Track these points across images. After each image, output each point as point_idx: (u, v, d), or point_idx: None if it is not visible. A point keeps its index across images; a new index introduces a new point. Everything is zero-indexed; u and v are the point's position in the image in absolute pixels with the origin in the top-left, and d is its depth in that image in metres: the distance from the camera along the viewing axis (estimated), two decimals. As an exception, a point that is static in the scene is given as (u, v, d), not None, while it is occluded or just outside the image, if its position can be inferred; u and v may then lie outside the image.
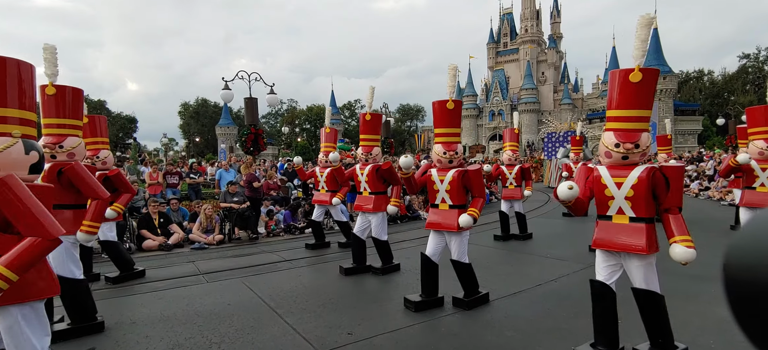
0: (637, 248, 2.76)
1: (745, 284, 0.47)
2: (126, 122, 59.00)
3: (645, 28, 2.78)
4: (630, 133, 2.78)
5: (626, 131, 2.80)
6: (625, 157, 2.80)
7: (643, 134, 2.79)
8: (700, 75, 54.39)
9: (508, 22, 63.53)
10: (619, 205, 2.84)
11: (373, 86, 5.66)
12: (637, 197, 2.78)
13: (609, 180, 2.87)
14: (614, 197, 2.85)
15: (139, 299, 4.69)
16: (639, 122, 2.79)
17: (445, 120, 4.13)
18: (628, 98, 2.79)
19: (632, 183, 2.78)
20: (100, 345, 3.45)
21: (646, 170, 2.77)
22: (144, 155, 22.53)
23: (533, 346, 3.30)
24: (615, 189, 2.85)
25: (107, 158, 4.96)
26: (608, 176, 2.88)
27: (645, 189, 2.76)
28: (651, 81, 2.77)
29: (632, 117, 2.79)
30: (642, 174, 2.75)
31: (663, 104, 39.17)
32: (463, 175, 4.04)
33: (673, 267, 5.37)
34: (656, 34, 40.09)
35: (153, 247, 7.45)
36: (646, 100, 2.80)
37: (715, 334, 3.34)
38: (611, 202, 2.87)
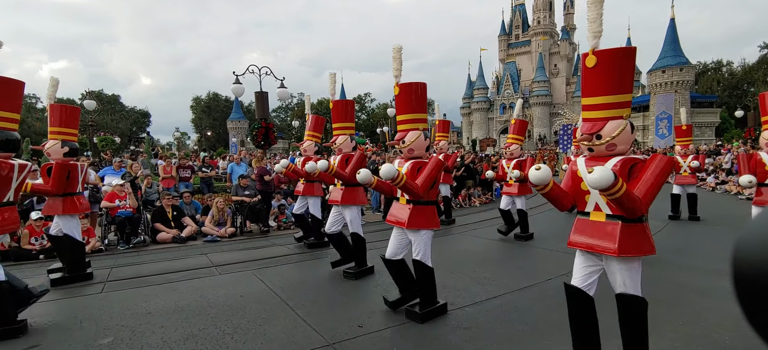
0: (608, 249, 2.46)
1: (754, 278, 0.47)
2: (139, 116, 59.88)
3: (595, 5, 2.48)
4: (593, 122, 2.52)
5: (589, 120, 2.55)
6: (590, 149, 2.56)
7: (609, 123, 2.47)
8: (719, 66, 52.99)
9: (520, 14, 62.61)
10: (595, 201, 2.55)
11: (334, 72, 5.37)
12: None
13: (584, 173, 2.52)
14: (590, 191, 2.55)
15: (154, 290, 4.79)
16: (606, 110, 2.49)
17: (397, 107, 3.77)
18: (588, 84, 2.53)
19: None
20: (117, 336, 3.54)
21: (620, 161, 2.46)
22: (157, 149, 22.86)
23: (544, 340, 3.28)
24: None
25: (51, 149, 4.92)
26: (584, 168, 2.56)
27: None
28: (613, 63, 2.44)
29: (597, 105, 2.52)
30: (616, 166, 2.44)
31: (680, 96, 38.33)
32: (418, 168, 3.65)
33: (689, 262, 5.31)
34: (673, 25, 39.14)
35: (167, 239, 7.59)
36: (610, 84, 2.46)
37: (730, 330, 3.28)
38: (588, 197, 2.59)
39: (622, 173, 2.40)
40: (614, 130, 2.44)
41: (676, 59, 38.98)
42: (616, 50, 2.44)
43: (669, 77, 39.14)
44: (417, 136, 3.65)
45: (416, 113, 3.73)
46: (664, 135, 37.99)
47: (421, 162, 3.64)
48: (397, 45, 3.73)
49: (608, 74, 2.45)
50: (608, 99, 2.47)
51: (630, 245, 2.45)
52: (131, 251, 7.12)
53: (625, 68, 2.45)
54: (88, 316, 3.99)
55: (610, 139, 2.44)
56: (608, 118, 2.47)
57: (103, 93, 53.79)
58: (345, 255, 5.29)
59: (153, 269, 5.77)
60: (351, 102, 5.59)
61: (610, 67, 2.44)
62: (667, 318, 3.61)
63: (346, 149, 5.22)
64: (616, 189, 2.15)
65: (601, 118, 2.48)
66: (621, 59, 2.44)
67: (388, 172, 3.32)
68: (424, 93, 3.76)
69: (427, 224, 3.66)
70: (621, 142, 2.47)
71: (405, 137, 3.67)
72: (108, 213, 7.60)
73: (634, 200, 2.28)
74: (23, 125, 42.31)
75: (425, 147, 3.74)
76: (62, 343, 3.41)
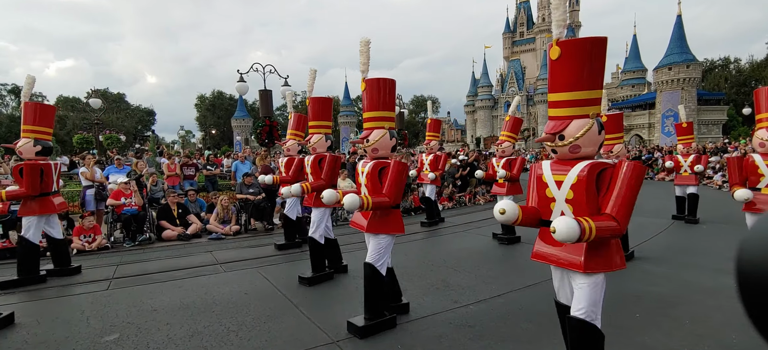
0: (572, 263, 2.21)
1: (757, 280, 0.47)
2: (144, 114, 60.15)
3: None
4: (556, 121, 2.26)
5: (553, 119, 2.29)
6: (554, 151, 2.32)
7: (573, 123, 2.20)
8: (726, 63, 52.46)
9: (524, 11, 62.29)
10: (560, 208, 2.30)
11: (315, 69, 5.15)
12: (578, 201, 2.20)
13: (549, 178, 2.34)
14: (555, 198, 2.32)
15: (160, 287, 4.81)
16: (571, 108, 2.21)
17: (363, 103, 3.52)
18: (553, 79, 2.26)
19: (571, 182, 2.23)
20: (123, 333, 3.56)
21: (588, 166, 2.18)
22: (162, 147, 22.99)
23: (549, 338, 3.27)
24: (555, 189, 2.32)
25: (24, 148, 4.90)
26: (549, 173, 2.35)
27: (585, 191, 2.18)
28: (580, 55, 2.15)
29: (561, 102, 2.24)
30: (582, 172, 2.18)
31: (686, 94, 37.99)
32: (380, 169, 3.38)
33: (696, 260, 5.27)
34: (680, 21, 38.77)
35: (172, 237, 7.63)
36: (576, 79, 2.17)
37: (737, 330, 3.26)
38: (553, 205, 2.34)
39: (590, 180, 2.16)
40: (578, 130, 2.18)
41: (683, 56, 38.61)
42: (582, 41, 2.14)
43: (675, 74, 38.78)
44: (382, 135, 3.40)
45: (383, 111, 3.46)
46: (670, 133, 37.64)
47: (384, 163, 3.38)
48: (365, 38, 3.48)
49: (574, 68, 2.17)
50: (573, 96, 2.20)
51: (597, 261, 2.20)
52: (137, 248, 7.17)
53: (594, 61, 2.15)
54: (95, 313, 4.02)
55: (574, 140, 2.18)
56: (573, 117, 2.21)
57: (109, 91, 54.09)
58: (330, 258, 5.15)
59: (158, 266, 5.80)
60: (329, 100, 5.32)
61: (576, 60, 2.16)
62: (673, 316, 3.59)
63: (321, 148, 5.01)
64: (586, 238, 1.95)
65: (566, 116, 2.23)
66: (589, 51, 2.15)
67: (351, 204, 3.08)
68: (392, 90, 3.50)
69: (387, 229, 3.39)
70: (586, 144, 2.20)
71: (369, 135, 3.43)
72: (114, 211, 7.65)
73: (611, 230, 2.04)
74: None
75: (391, 147, 3.48)
76: (69, 339, 3.43)
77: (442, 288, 4.46)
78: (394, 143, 3.48)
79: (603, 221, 2.03)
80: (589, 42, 2.14)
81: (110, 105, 44.67)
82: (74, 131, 31.15)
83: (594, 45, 2.15)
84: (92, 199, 8.22)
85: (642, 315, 3.64)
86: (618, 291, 4.25)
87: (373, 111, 3.45)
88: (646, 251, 5.92)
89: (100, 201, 8.22)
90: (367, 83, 3.41)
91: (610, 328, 3.37)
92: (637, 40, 50.11)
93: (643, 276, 4.72)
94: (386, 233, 3.40)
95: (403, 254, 6.44)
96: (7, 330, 3.66)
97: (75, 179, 11.54)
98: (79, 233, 6.92)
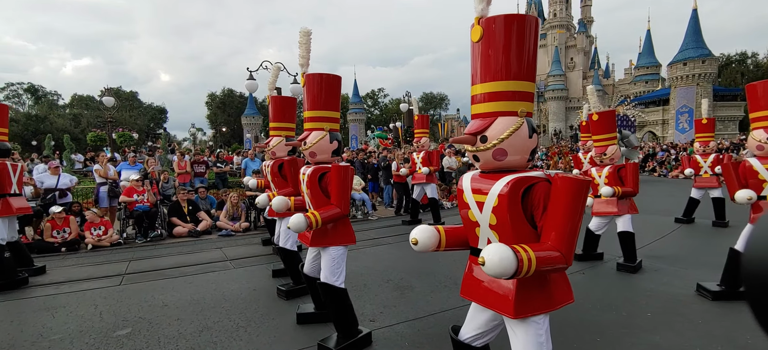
0: (500, 306, 1.77)
1: (763, 277, 0.46)
2: (156, 112, 61.03)
3: None
4: (479, 119, 1.79)
5: (476, 116, 1.82)
6: (475, 157, 1.83)
7: (497, 121, 1.74)
8: (743, 58, 51.28)
9: (535, 7, 61.60)
10: (486, 235, 1.83)
11: (279, 64, 4.74)
12: (502, 225, 1.74)
13: (470, 198, 1.86)
14: (479, 223, 1.84)
15: (170, 283, 4.88)
16: (496, 102, 1.75)
17: (304, 101, 3.17)
18: (475, 67, 1.81)
19: (492, 204, 1.75)
20: (135, 327, 3.62)
21: (511, 183, 1.70)
22: (174, 144, 23.29)
23: (556, 338, 3.23)
24: (477, 211, 1.83)
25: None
26: (469, 192, 1.86)
27: (508, 213, 1.70)
28: (505, 36, 1.70)
29: (484, 95, 1.78)
30: (503, 190, 1.71)
31: (701, 89, 37.25)
32: (321, 175, 3.01)
33: (709, 260, 5.17)
34: (695, 15, 37.99)
35: (183, 233, 7.74)
36: (503, 67, 1.72)
37: (751, 330, 3.19)
38: (478, 229, 1.86)
39: (513, 199, 1.69)
40: (503, 130, 1.72)
41: (698, 51, 37.87)
42: (510, 18, 1.71)
43: (690, 70, 38.07)
44: (320, 137, 3.02)
45: (323, 110, 3.07)
46: (685, 130, 37.00)
47: (324, 168, 3.01)
48: (305, 29, 3.13)
49: (499, 52, 1.72)
50: (499, 87, 1.74)
51: (532, 302, 1.74)
52: (148, 244, 7.29)
53: (524, 45, 1.73)
54: (108, 308, 4.09)
55: (498, 142, 1.72)
56: (498, 113, 1.75)
57: (121, 90, 54.95)
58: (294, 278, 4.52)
59: (169, 262, 5.89)
60: (292, 100, 4.78)
61: (502, 43, 1.71)
62: (686, 315, 3.53)
63: (281, 152, 4.46)
64: (525, 273, 1.52)
65: (489, 113, 1.76)
66: (517, 32, 1.71)
67: (297, 225, 2.72)
68: (334, 87, 3.14)
69: (337, 240, 3.05)
70: (513, 149, 1.74)
71: (307, 137, 3.05)
72: (126, 207, 7.78)
73: (554, 262, 1.62)
74: (45, 122, 43.60)
75: (331, 151, 3.10)
76: (83, 334, 3.50)
77: (449, 286, 4.44)
78: (335, 146, 3.12)
79: (545, 251, 1.60)
80: (518, 21, 1.71)
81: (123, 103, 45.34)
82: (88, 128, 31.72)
83: (523, 25, 1.72)
84: (105, 196, 8.36)
85: (654, 314, 3.58)
86: (629, 290, 4.20)
87: (313, 110, 3.06)
88: (658, 250, 5.83)
89: (113, 198, 8.37)
90: (307, 79, 3.07)
91: (620, 327, 3.34)
92: (651, 35, 49.25)
93: (656, 275, 4.66)
94: (335, 245, 3.06)
95: (409, 252, 6.44)
96: (22, 324, 3.75)
97: (89, 177, 11.76)
98: (89, 228, 7.06)
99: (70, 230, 6.93)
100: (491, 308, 1.84)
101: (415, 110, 9.45)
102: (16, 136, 36.92)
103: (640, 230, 6.95)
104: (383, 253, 6.28)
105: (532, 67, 1.77)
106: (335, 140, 3.11)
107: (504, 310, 1.75)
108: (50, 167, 8.16)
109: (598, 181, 4.97)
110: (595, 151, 4.98)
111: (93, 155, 13.99)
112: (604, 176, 4.90)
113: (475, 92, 1.82)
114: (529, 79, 1.77)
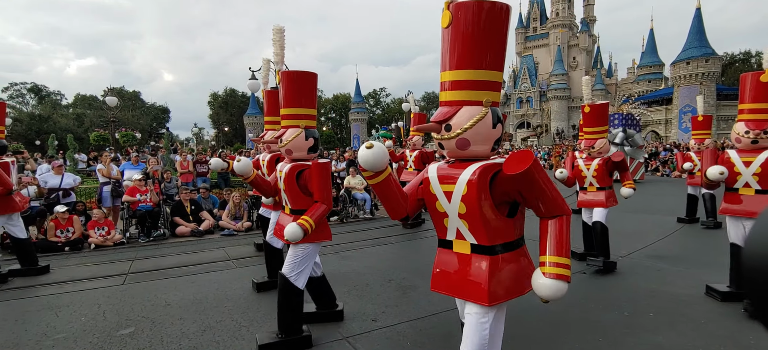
0: (474, 295, 1.78)
1: (764, 272, 0.46)
2: (159, 112, 61.20)
3: None
4: (445, 107, 1.78)
5: (443, 104, 1.80)
6: (440, 145, 1.83)
7: (462, 110, 1.72)
8: (747, 57, 50.98)
9: (537, 6, 61.51)
10: (455, 226, 1.84)
11: (268, 59, 4.36)
12: (472, 214, 1.74)
13: (437, 189, 1.85)
14: (448, 213, 1.84)
15: (173, 282, 4.90)
16: (464, 90, 1.73)
17: (280, 99, 3.16)
18: (444, 54, 1.77)
19: (462, 192, 1.75)
20: (138, 326, 3.64)
21: (479, 169, 1.72)
22: (176, 144, 23.36)
23: (561, 337, 3.23)
24: (445, 201, 1.83)
25: None
26: (436, 183, 1.86)
27: (477, 200, 1.70)
28: (475, 24, 1.66)
29: (453, 83, 1.75)
30: (473, 176, 1.72)
31: (705, 89, 37.09)
32: (298, 172, 3.00)
33: (713, 259, 5.15)
34: (699, 14, 37.84)
35: (185, 233, 7.76)
36: (471, 54, 1.69)
37: (755, 331, 3.18)
38: (446, 221, 1.86)
39: (482, 186, 1.70)
40: (467, 120, 1.70)
41: (702, 50, 37.72)
42: (479, 5, 1.65)
43: (694, 69, 37.92)
44: (295, 135, 3.01)
45: (298, 108, 3.07)
46: (688, 129, 36.79)
47: (303, 165, 3.02)
48: (278, 26, 3.10)
49: (467, 39, 1.68)
50: (467, 75, 1.71)
51: (505, 287, 1.79)
52: (151, 244, 7.31)
53: (493, 33, 1.68)
54: (111, 307, 4.11)
55: (461, 132, 1.70)
56: (463, 102, 1.73)
57: (124, 90, 55.16)
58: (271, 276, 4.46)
59: (172, 262, 5.91)
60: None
61: (470, 30, 1.66)
62: (689, 316, 3.52)
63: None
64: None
65: (455, 102, 1.75)
66: (487, 20, 1.66)
67: (293, 235, 2.78)
68: (310, 84, 3.13)
69: (311, 237, 2.96)
70: (477, 138, 1.72)
71: (283, 135, 3.07)
72: (129, 207, 7.81)
73: (565, 232, 1.73)
74: (49, 122, 43.79)
75: (307, 148, 3.08)
76: (86, 333, 3.52)
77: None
78: (311, 143, 3.10)
79: (558, 238, 1.74)
80: (488, 8, 1.66)
81: (126, 103, 45.54)
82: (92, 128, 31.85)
83: (493, 12, 1.67)
84: (109, 195, 8.40)
85: (656, 314, 3.57)
86: (632, 290, 4.19)
87: (289, 108, 3.07)
88: (661, 249, 5.81)
89: (116, 197, 8.40)
90: (282, 76, 3.07)
91: (623, 327, 3.33)
92: (654, 34, 49.07)
93: (658, 275, 4.64)
94: (309, 242, 3.02)
95: (411, 251, 6.44)
96: (26, 323, 3.77)
97: (93, 176, 11.81)
98: (93, 227, 7.09)
99: (74, 229, 6.96)
100: (464, 298, 1.85)
101: (414, 109, 9.33)
102: (19, 135, 37.09)
103: (642, 230, 6.95)
104: (385, 253, 6.29)
105: (501, 56, 1.75)
106: (311, 137, 3.09)
107: (477, 299, 1.77)
108: (54, 167, 8.20)
109: (586, 174, 4.89)
110: (585, 143, 4.88)
111: (96, 154, 14.04)
112: (593, 169, 4.81)
113: (443, 79, 1.80)
114: (497, 68, 1.75)
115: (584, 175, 4.92)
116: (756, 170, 3.55)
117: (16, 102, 51.36)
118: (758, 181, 3.56)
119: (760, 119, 3.49)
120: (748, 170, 3.59)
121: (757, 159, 3.55)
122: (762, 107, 3.48)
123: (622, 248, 5.70)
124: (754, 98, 3.49)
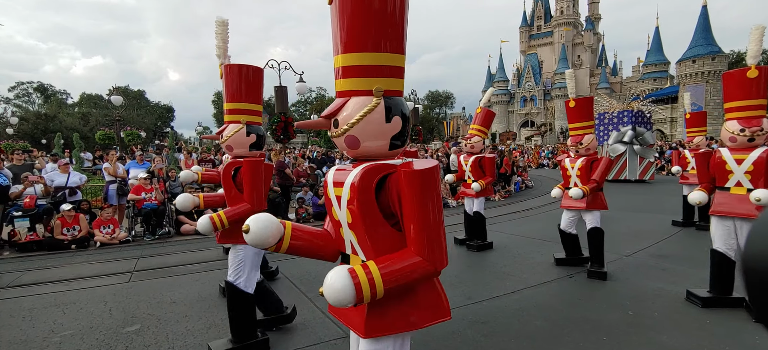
0: (353, 322, 1.52)
1: (764, 273, 0.46)
2: (163, 111, 61.49)
3: None
4: (339, 98, 1.47)
5: (338, 94, 1.48)
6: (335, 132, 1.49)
7: (350, 101, 1.42)
8: (754, 55, 50.49)
9: (542, 4, 61.27)
10: (348, 238, 1.53)
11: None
12: (356, 224, 1.44)
13: (331, 191, 1.55)
14: (340, 221, 1.53)
15: (178, 280, 4.94)
16: (354, 78, 1.41)
17: (224, 94, 3.04)
18: (334, 35, 1.44)
19: (347, 197, 1.44)
20: (144, 324, 3.67)
21: (363, 171, 1.41)
22: (180, 143, 23.49)
23: (563, 337, 3.23)
24: (337, 207, 1.52)
25: None
26: (331, 183, 1.55)
27: (359, 207, 1.40)
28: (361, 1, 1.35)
29: (344, 69, 1.42)
30: (355, 179, 1.41)
31: (711, 87, 36.81)
32: (235, 170, 2.93)
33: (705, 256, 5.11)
34: (705, 12, 37.55)
35: (190, 231, 7.81)
36: (357, 35, 1.37)
37: (759, 330, 3.16)
38: (342, 231, 1.55)
39: (364, 191, 1.39)
40: (355, 113, 1.40)
41: (708, 48, 37.46)
42: None
43: (700, 67, 37.66)
44: (236, 130, 2.90)
45: (242, 103, 2.95)
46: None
47: (238, 163, 2.94)
48: (221, 18, 2.98)
49: (354, 14, 1.37)
50: (353, 60, 1.40)
51: (387, 319, 1.43)
52: (156, 242, 7.36)
53: (382, 7, 1.37)
54: (117, 304, 4.15)
55: (348, 128, 1.41)
56: (353, 92, 1.42)
57: (129, 89, 55.44)
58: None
59: (177, 260, 5.95)
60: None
61: (354, 4, 1.36)
62: (694, 315, 3.51)
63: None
64: (368, 298, 1.29)
65: (345, 92, 1.44)
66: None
67: (204, 228, 2.73)
68: (256, 79, 3.03)
69: (242, 238, 2.68)
70: (366, 135, 1.42)
71: (224, 131, 2.95)
72: (135, 205, 7.86)
73: (412, 271, 1.34)
74: (55, 121, 44.08)
75: (249, 145, 2.98)
76: (93, 330, 3.56)
77: (455, 284, 4.45)
78: (253, 139, 2.99)
79: (398, 263, 1.34)
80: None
81: (130, 102, 45.79)
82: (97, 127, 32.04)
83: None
84: (114, 194, 8.46)
85: (661, 314, 3.57)
86: (636, 289, 4.17)
87: (232, 103, 2.95)
88: (665, 249, 5.78)
89: (121, 196, 8.46)
90: (226, 70, 2.93)
91: (627, 327, 3.33)
92: (660, 33, 48.73)
93: (663, 274, 4.62)
94: (243, 243, 2.90)
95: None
96: (34, 320, 3.82)
97: (98, 175, 11.89)
98: (98, 226, 7.15)
99: (80, 227, 7.03)
100: (348, 325, 1.56)
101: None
102: (26, 134, 37.36)
103: (646, 230, 6.92)
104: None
105: (398, 35, 1.43)
106: (254, 134, 2.98)
107: (356, 327, 1.48)
108: (60, 166, 8.27)
109: (570, 173, 4.70)
110: (571, 140, 4.69)
111: (101, 153, 14.14)
112: (577, 168, 4.61)
113: (335, 65, 1.47)
114: (394, 50, 1.42)
115: (569, 174, 4.72)
116: (748, 167, 3.49)
117: (23, 101, 51.78)
118: (750, 179, 3.50)
119: (752, 115, 3.45)
120: (741, 167, 3.53)
121: (749, 156, 3.49)
122: (753, 104, 3.43)
123: (627, 247, 5.69)
124: (744, 96, 3.45)
